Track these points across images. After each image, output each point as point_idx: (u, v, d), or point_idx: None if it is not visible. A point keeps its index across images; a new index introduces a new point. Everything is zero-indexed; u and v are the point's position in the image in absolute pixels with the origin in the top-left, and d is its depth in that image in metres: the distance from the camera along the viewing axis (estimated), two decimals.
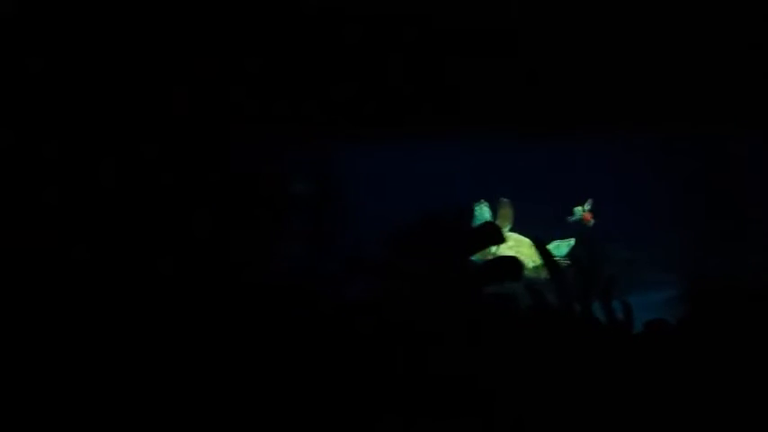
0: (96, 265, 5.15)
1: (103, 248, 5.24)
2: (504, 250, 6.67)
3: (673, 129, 6.66)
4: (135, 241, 5.36)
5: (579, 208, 6.82)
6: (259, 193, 6.23)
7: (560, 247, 6.46)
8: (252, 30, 5.65)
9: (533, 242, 6.15)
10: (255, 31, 5.65)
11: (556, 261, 5.30)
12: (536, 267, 6.51)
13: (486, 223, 6.12)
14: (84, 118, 5.30)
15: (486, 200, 6.84)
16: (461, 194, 6.12)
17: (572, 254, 6.45)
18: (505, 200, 7.07)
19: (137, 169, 5.40)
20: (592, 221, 6.83)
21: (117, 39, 5.36)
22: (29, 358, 4.61)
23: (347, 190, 6.79)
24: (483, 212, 6.82)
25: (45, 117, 5.21)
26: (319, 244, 6.50)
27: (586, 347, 4.54)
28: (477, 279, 5.10)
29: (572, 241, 6.45)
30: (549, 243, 6.25)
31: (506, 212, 7.14)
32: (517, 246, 6.92)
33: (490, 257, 5.93)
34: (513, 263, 5.26)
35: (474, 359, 4.44)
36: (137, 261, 5.31)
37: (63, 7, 5.21)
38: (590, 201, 6.78)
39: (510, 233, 7.24)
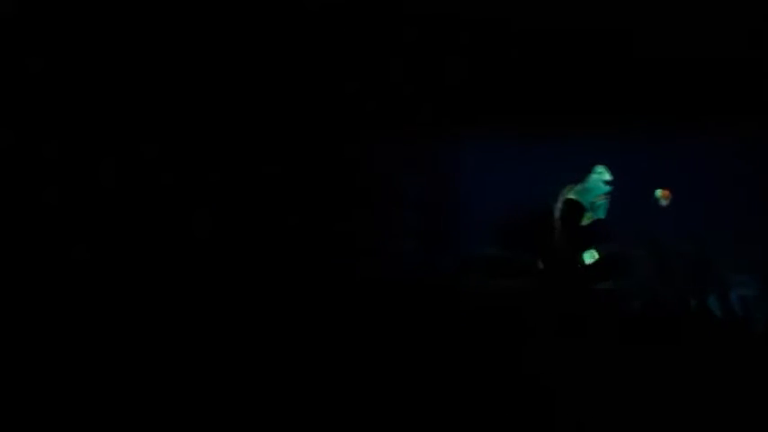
0: (96, 265, 5.16)
1: (103, 248, 5.25)
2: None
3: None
4: (141, 241, 5.37)
5: (659, 191, 6.69)
6: (371, 189, 6.21)
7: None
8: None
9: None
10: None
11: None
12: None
13: (597, 221, 5.88)
14: (84, 118, 5.30)
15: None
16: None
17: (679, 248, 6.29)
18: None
19: (137, 169, 5.40)
20: (668, 199, 6.64)
21: (117, 38, 5.35)
22: (29, 358, 4.63)
23: (458, 186, 6.64)
24: (602, 175, 6.27)
25: (45, 117, 5.21)
26: (432, 241, 6.41)
27: (711, 345, 4.44)
28: (591, 276, 5.03)
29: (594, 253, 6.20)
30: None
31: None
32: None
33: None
34: (627, 260, 5.19)
35: (597, 355, 4.35)
36: (141, 261, 5.32)
37: (63, 7, 5.21)
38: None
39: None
